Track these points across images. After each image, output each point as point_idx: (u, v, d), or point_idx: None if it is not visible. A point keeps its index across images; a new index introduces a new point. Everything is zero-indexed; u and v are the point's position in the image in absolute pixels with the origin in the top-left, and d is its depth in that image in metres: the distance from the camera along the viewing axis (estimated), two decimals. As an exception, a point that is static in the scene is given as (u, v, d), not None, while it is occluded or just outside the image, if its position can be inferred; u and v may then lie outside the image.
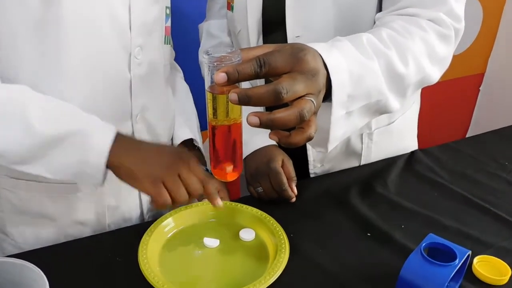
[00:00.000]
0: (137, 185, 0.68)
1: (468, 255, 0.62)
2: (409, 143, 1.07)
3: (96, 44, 0.72)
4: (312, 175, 0.98)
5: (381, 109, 0.68)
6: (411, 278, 0.59)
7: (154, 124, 0.85)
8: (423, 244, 0.62)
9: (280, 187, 0.84)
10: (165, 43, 0.86)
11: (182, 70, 1.07)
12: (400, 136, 1.03)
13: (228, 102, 0.54)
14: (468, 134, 2.30)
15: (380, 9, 0.81)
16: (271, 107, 0.49)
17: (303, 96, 0.51)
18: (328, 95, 0.58)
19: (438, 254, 0.61)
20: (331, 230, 0.78)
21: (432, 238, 0.64)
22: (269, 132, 0.54)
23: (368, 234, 0.77)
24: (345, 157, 0.98)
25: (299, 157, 0.95)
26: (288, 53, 0.52)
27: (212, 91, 0.55)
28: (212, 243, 0.75)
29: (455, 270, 0.59)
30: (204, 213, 0.81)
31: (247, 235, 0.76)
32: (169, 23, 0.87)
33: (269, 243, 0.75)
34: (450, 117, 2.20)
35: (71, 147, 0.66)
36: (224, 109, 0.56)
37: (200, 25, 1.10)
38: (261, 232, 0.77)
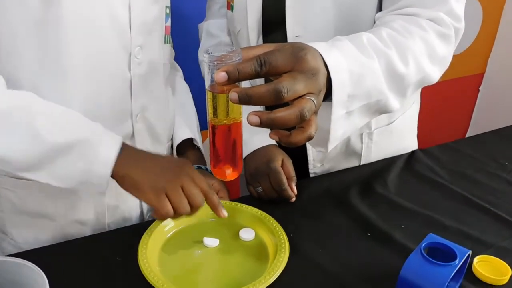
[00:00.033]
0: (141, 196, 0.69)
1: (468, 255, 0.62)
2: (409, 143, 1.07)
3: (96, 44, 0.72)
4: (312, 175, 0.98)
5: (381, 109, 0.68)
6: (411, 278, 0.59)
7: (154, 124, 0.85)
8: (423, 244, 0.62)
9: (280, 187, 0.84)
10: (165, 43, 0.86)
11: (182, 70, 1.07)
12: (400, 136, 1.03)
13: (228, 102, 0.54)
14: (468, 134, 2.30)
15: (380, 9, 0.81)
16: (271, 107, 0.50)
17: (304, 96, 0.51)
18: (328, 95, 0.58)
19: (438, 254, 0.61)
20: (331, 230, 0.78)
21: (432, 238, 0.64)
22: (270, 132, 0.54)
23: (368, 234, 0.77)
24: (345, 157, 0.98)
25: (299, 157, 0.95)
26: (289, 53, 0.52)
27: (212, 90, 0.54)
28: (212, 243, 0.75)
29: (455, 270, 0.59)
30: (204, 213, 0.80)
31: (247, 235, 0.76)
32: (169, 23, 0.87)
33: (269, 243, 0.75)
34: (450, 117, 2.20)
35: (77, 157, 0.66)
36: (224, 109, 0.55)
37: (200, 25, 1.10)
38: (261, 232, 0.77)
